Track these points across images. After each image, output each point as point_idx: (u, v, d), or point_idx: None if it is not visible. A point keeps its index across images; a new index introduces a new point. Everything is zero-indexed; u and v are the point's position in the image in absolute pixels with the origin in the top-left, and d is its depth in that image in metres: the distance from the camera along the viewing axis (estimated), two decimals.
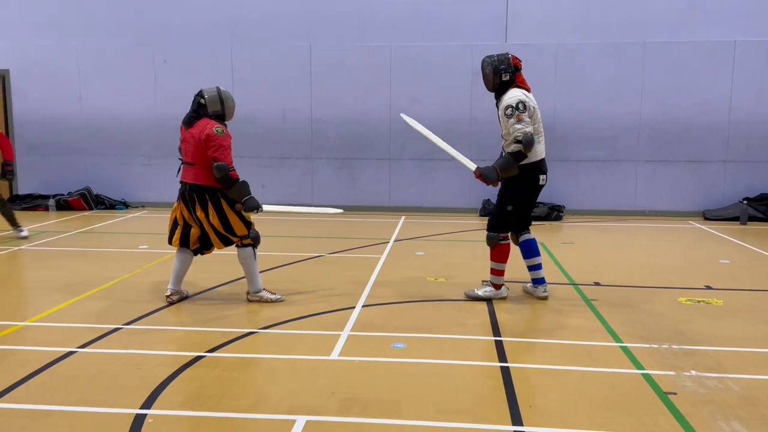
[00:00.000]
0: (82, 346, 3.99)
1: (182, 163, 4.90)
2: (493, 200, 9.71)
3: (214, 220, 4.75)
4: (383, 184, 10.22)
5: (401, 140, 9.98)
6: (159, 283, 5.44)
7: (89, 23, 10.29)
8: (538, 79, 9.86)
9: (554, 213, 9.45)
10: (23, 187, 10.66)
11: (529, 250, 5.10)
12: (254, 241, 4.93)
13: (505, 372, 3.63)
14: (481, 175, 4.75)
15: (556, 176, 9.91)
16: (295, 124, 10.19)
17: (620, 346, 4.07)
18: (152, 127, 10.35)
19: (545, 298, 5.11)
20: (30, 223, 8.78)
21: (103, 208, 10.26)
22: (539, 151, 4.87)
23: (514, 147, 4.68)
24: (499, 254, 5.03)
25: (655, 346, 4.06)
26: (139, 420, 3.01)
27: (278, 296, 5.04)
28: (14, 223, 7.59)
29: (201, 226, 4.83)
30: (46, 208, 10.08)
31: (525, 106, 4.72)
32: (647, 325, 4.53)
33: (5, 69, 10.48)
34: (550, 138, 9.85)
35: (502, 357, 3.87)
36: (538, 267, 5.12)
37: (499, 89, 4.89)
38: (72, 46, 10.32)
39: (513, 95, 4.78)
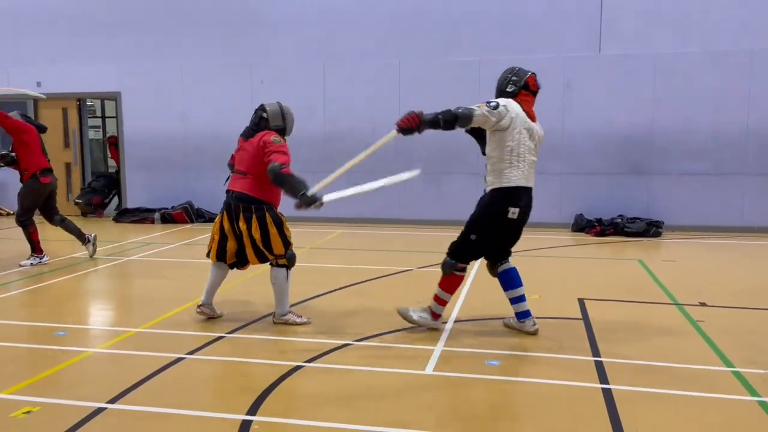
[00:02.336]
0: (190, 353, 4.20)
1: (231, 173, 4.87)
2: (586, 214, 9.54)
3: (256, 233, 4.60)
4: (471, 198, 10.04)
5: None
6: (258, 294, 5.65)
7: (191, 46, 10.92)
8: (636, 90, 9.56)
9: (653, 229, 9.05)
10: (132, 201, 11.41)
11: (510, 280, 4.64)
12: (289, 261, 4.74)
13: (607, 394, 3.51)
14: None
15: (655, 190, 9.52)
16: None
17: (732, 371, 3.84)
18: None
19: (535, 333, 4.58)
20: (137, 235, 9.38)
21: (203, 221, 10.79)
22: (512, 178, 4.36)
23: (452, 112, 4.21)
24: (448, 283, 4.59)
25: None
26: (245, 425, 3.14)
27: (304, 319, 4.86)
28: (82, 238, 7.42)
29: (240, 239, 4.70)
30: (152, 221, 10.72)
31: (497, 107, 4.28)
32: (762, 349, 4.25)
33: (117, 91, 11.31)
34: (648, 150, 9.55)
35: (603, 378, 3.74)
36: (521, 299, 4.63)
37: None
38: (175, 68, 10.97)
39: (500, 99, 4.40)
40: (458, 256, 4.58)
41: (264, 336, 4.64)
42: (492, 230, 4.50)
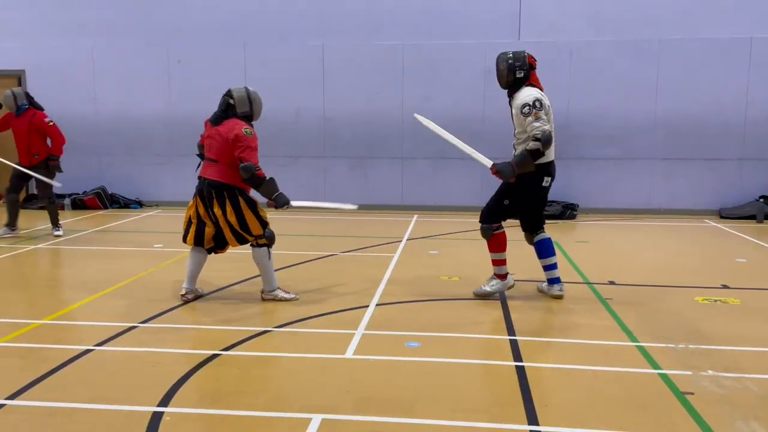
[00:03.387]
0: (99, 344, 4.02)
1: (202, 159, 4.93)
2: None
3: (231, 218, 4.75)
4: (396, 182, 10.21)
5: (414, 139, 9.98)
6: (174, 281, 5.48)
7: (103, 23, 10.35)
8: (552, 76, 9.79)
9: (568, 211, 9.40)
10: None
11: (544, 249, 5.07)
12: (269, 240, 4.93)
13: (520, 371, 3.62)
14: (498, 171, 4.77)
15: (571, 175, 9.87)
16: (308, 122, 10.21)
17: (636, 346, 4.04)
18: (166, 127, 10.42)
19: (560, 297, 5.07)
20: (46, 221, 8.85)
21: (117, 207, 10.35)
22: (548, 153, 4.84)
23: (532, 144, 4.67)
24: (496, 244, 5.04)
25: (672, 345, 4.03)
26: (156, 418, 3.03)
27: (293, 295, 5.05)
28: (55, 222, 7.82)
29: (216, 224, 4.82)
30: (62, 207, 10.12)
31: (542, 104, 4.72)
32: (663, 324, 4.50)
33: (21, 69, 10.59)
34: (564, 136, 9.86)
35: (516, 356, 3.86)
36: (553, 267, 5.08)
37: (512, 87, 4.88)
38: (86, 47, 10.39)
39: (529, 93, 4.75)
40: (491, 219, 5.02)
41: (179, 325, 4.50)
42: (524, 197, 4.92)
